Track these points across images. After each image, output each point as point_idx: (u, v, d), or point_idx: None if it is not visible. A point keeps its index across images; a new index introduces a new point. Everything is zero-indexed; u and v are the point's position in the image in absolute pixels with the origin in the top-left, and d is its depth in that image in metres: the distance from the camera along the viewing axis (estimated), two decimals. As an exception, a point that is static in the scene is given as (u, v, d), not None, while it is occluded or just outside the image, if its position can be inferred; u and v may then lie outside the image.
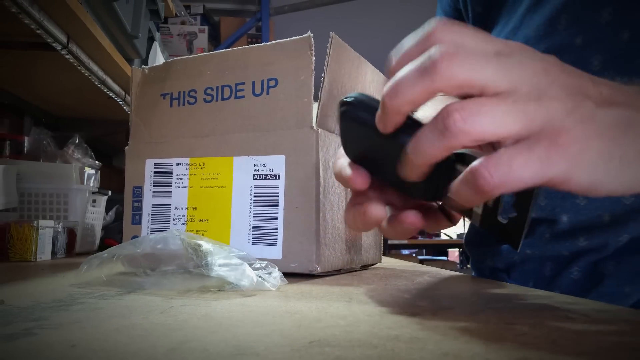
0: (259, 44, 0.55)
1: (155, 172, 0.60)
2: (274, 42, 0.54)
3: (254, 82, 0.55)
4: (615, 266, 0.46)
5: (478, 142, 0.25)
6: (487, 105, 0.24)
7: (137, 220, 0.61)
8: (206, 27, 2.68)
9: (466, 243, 0.64)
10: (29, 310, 0.31)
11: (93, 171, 1.02)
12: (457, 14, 0.65)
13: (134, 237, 0.58)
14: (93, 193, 0.99)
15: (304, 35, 0.52)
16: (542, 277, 0.51)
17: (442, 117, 0.24)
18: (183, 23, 2.64)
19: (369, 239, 0.62)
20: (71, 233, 0.86)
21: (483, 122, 0.24)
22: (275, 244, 0.51)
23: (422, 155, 0.26)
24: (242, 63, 0.56)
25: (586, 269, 0.48)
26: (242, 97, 0.55)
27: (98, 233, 1.03)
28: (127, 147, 0.62)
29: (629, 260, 0.46)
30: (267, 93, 0.54)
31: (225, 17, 2.89)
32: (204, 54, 0.59)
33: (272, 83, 0.54)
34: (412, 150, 0.26)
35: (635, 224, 0.45)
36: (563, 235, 0.48)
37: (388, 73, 0.28)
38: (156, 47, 1.30)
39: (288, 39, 0.53)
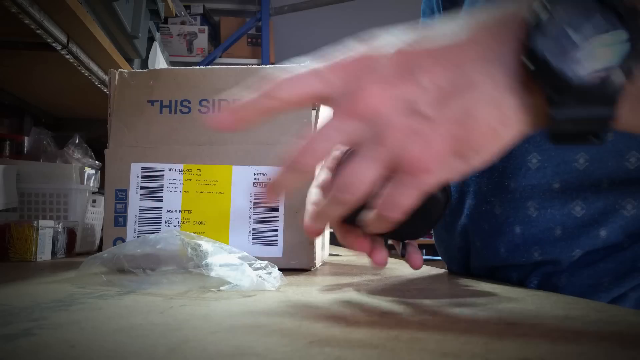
0: (263, 66, 0.56)
1: (143, 176, 0.60)
2: (277, 65, 0.54)
3: None
4: (568, 279, 0.47)
5: None
6: None
7: (121, 222, 0.61)
8: (206, 27, 2.68)
9: (440, 254, 0.65)
10: (29, 310, 0.31)
11: (93, 171, 1.02)
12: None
13: (118, 238, 0.59)
14: (93, 193, 0.98)
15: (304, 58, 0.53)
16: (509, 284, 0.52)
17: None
18: (183, 23, 2.64)
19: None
20: (71, 233, 0.86)
21: None
22: (276, 244, 0.52)
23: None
24: (241, 81, 0.56)
25: (542, 279, 0.49)
26: None
27: (98, 233, 1.03)
28: (106, 149, 0.62)
29: (579, 274, 0.47)
30: None
31: (225, 17, 2.89)
32: (198, 68, 0.60)
33: None
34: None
35: (587, 238, 0.46)
36: (517, 249, 0.49)
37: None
38: (156, 47, 1.30)
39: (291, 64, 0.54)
